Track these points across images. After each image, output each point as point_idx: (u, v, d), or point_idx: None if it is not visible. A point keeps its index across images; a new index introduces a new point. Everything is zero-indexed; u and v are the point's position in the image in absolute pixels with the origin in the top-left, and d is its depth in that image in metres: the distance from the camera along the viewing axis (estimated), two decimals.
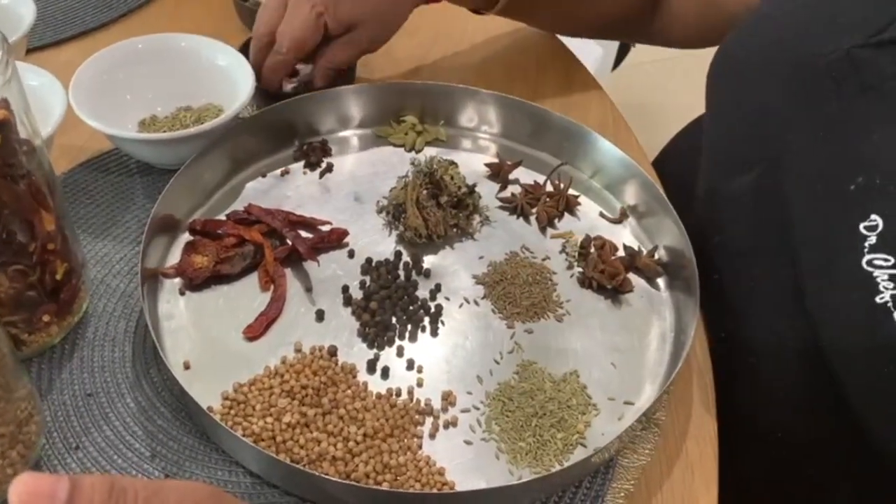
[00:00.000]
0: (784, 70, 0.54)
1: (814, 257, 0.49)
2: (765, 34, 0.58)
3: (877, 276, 0.43)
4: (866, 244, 0.44)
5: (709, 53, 0.64)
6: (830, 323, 0.47)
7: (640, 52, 1.65)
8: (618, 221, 0.65)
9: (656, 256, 0.61)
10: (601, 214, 0.65)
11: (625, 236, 0.64)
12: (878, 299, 0.43)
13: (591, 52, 1.45)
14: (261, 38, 0.67)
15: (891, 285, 0.43)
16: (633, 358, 0.56)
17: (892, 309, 0.42)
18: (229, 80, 0.66)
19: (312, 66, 0.69)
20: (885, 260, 0.43)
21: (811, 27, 0.54)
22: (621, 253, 0.62)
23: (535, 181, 0.67)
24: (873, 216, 0.45)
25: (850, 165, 0.47)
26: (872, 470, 0.49)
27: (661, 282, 0.61)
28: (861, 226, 0.45)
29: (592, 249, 0.62)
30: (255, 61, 0.67)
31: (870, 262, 0.44)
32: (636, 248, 0.62)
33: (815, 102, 0.51)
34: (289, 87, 0.71)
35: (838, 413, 0.47)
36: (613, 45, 1.50)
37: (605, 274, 0.60)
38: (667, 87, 2.04)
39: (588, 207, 0.66)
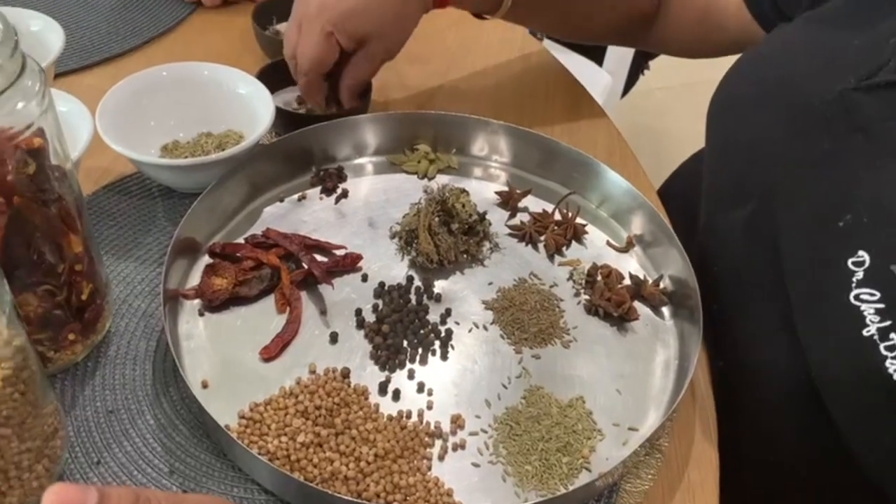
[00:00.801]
0: (780, 108, 0.56)
1: (803, 290, 0.51)
2: (763, 73, 0.60)
3: (864, 310, 0.45)
4: (854, 279, 0.46)
5: (717, 82, 0.66)
6: (819, 354, 0.48)
7: (649, 79, 1.67)
8: (624, 250, 0.67)
9: (661, 286, 0.63)
10: (608, 243, 0.67)
11: (631, 265, 0.66)
12: (864, 332, 0.45)
13: (600, 80, 1.48)
14: (290, 62, 0.70)
15: (877, 318, 0.45)
16: (637, 385, 0.58)
17: (879, 341, 0.44)
18: (249, 108, 0.69)
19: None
20: (872, 294, 0.45)
21: (807, 69, 0.56)
22: (627, 281, 0.64)
23: (543, 209, 0.69)
24: (861, 252, 0.47)
25: (840, 203, 0.49)
26: (873, 500, 0.51)
27: (665, 310, 0.63)
28: (849, 261, 0.47)
29: (599, 277, 0.63)
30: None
31: (857, 297, 0.46)
32: (642, 277, 0.64)
33: (808, 141, 0.53)
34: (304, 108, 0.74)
35: (831, 442, 0.48)
36: (623, 73, 1.53)
37: (612, 302, 0.61)
38: (675, 113, 2.06)
39: (595, 236, 0.68)
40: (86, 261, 0.53)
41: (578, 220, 0.67)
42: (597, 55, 1.48)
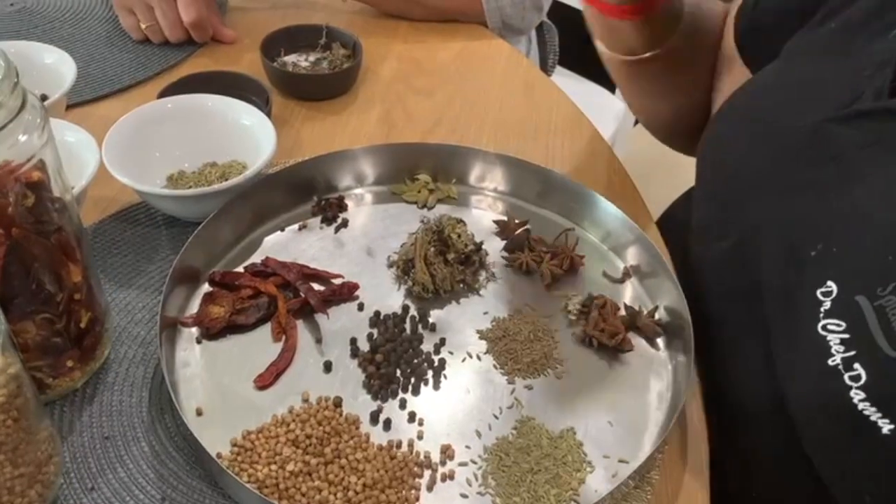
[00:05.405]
0: (762, 141, 0.57)
1: (779, 320, 0.51)
2: (748, 107, 0.61)
3: (830, 340, 0.45)
4: (822, 309, 0.46)
5: None
6: (792, 384, 0.48)
7: None
8: (620, 281, 0.67)
9: (656, 317, 0.63)
10: (604, 274, 0.67)
11: (626, 296, 0.66)
12: (830, 362, 0.45)
13: (612, 106, 1.49)
14: None
15: (842, 349, 0.44)
16: (630, 417, 0.58)
17: (843, 371, 0.44)
18: (253, 139, 0.70)
19: None
20: (838, 325, 0.45)
21: (788, 102, 0.57)
22: (622, 312, 0.64)
23: (539, 237, 0.69)
24: (829, 283, 0.47)
25: (813, 233, 0.50)
26: None
27: (660, 342, 0.62)
28: (818, 291, 0.47)
29: (594, 308, 0.63)
30: None
31: (824, 327, 0.46)
32: (637, 308, 0.64)
33: (787, 172, 0.54)
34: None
35: (807, 471, 0.48)
36: None
37: (606, 333, 0.61)
38: None
39: (591, 267, 0.68)
40: (85, 289, 0.54)
41: (576, 252, 0.68)
42: (609, 82, 1.48)
